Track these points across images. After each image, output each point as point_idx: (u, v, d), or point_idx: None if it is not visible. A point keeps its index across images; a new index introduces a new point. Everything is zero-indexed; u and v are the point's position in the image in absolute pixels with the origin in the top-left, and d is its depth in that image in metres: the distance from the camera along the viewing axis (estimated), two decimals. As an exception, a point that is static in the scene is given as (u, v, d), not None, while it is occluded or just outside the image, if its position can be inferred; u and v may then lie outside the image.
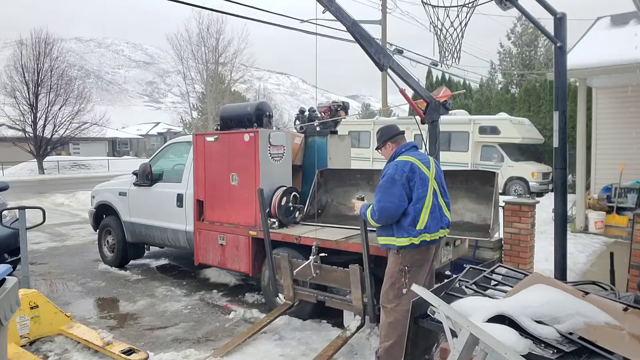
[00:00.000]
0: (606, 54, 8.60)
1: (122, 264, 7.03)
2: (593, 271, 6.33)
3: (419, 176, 3.34)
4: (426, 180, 3.38)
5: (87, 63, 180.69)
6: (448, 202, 3.61)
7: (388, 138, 3.65)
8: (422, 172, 3.37)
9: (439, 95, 5.30)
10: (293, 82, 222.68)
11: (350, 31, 4.62)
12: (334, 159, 5.84)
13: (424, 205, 3.32)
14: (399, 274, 3.36)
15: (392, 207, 3.29)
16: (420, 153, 3.57)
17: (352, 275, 3.98)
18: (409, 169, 3.33)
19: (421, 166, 3.39)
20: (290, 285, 4.53)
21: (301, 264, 4.34)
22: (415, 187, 3.31)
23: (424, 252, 3.39)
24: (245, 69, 33.77)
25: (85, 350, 4.15)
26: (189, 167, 5.94)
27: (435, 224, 3.39)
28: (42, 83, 29.31)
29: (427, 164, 3.47)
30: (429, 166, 3.47)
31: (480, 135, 15.33)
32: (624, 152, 9.85)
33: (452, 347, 2.07)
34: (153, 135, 60.59)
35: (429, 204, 3.35)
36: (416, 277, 3.35)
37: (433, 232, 3.38)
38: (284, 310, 4.57)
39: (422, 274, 3.43)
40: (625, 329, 2.09)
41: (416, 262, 3.37)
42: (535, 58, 28.78)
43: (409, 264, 3.34)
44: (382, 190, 3.35)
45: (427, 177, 3.40)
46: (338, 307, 4.35)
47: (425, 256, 3.43)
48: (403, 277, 3.33)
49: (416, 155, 3.47)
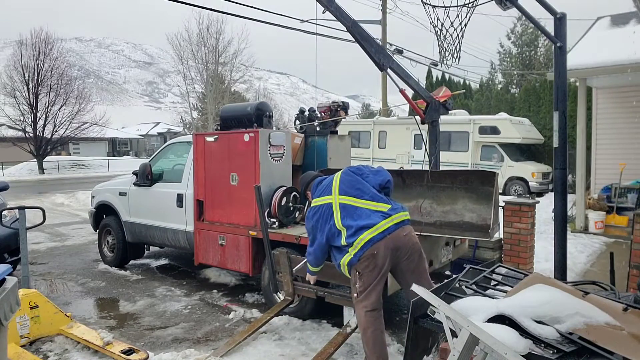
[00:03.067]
0: (606, 54, 8.60)
1: (122, 264, 7.03)
2: (593, 271, 6.33)
3: (327, 212, 3.49)
4: (329, 206, 3.50)
5: (87, 63, 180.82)
6: (373, 196, 3.49)
7: (305, 188, 4.07)
8: (324, 206, 3.52)
9: (439, 95, 5.31)
10: (293, 82, 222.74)
11: (350, 31, 4.63)
12: (334, 159, 5.84)
13: (335, 221, 3.43)
14: (353, 279, 3.44)
15: (317, 247, 3.57)
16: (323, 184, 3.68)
17: None
18: (316, 211, 3.54)
19: (324, 200, 3.54)
20: (289, 282, 4.54)
21: (301, 260, 4.36)
22: (328, 219, 3.47)
23: (370, 258, 3.32)
24: (245, 69, 33.80)
25: (85, 350, 4.15)
26: (189, 167, 5.94)
27: (369, 222, 3.34)
28: (42, 83, 29.30)
29: (328, 189, 3.58)
30: (330, 190, 3.56)
31: (480, 135, 15.33)
32: (624, 152, 9.85)
33: (452, 347, 2.07)
34: (153, 135, 60.59)
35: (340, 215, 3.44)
36: (367, 280, 3.35)
37: (377, 223, 3.34)
38: (284, 306, 4.58)
39: (374, 275, 3.35)
40: (625, 329, 2.09)
41: (367, 267, 3.33)
42: (535, 58, 28.77)
43: (360, 269, 3.36)
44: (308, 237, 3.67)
45: (329, 203, 3.51)
46: (338, 302, 4.36)
47: (377, 253, 3.31)
48: (357, 282, 3.39)
49: (319, 194, 3.63)
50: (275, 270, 4.68)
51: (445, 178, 4.77)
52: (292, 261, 4.47)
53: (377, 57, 4.71)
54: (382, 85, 21.46)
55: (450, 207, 4.68)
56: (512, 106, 18.28)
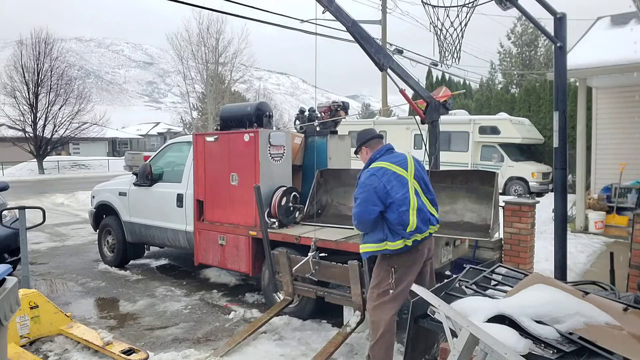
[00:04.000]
0: (606, 54, 8.60)
1: (122, 264, 7.03)
2: (593, 271, 6.33)
3: (395, 180, 3.28)
4: (404, 181, 3.32)
5: (87, 63, 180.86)
6: (432, 199, 3.52)
7: (362, 143, 3.61)
8: (398, 176, 3.31)
9: (439, 95, 5.31)
10: (293, 82, 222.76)
11: (350, 31, 4.62)
12: (334, 159, 5.84)
13: (410, 206, 3.27)
14: (385, 274, 3.33)
15: (365, 212, 3.26)
16: (395, 155, 3.49)
17: (352, 271, 3.99)
18: (381, 174, 3.28)
19: (397, 169, 3.33)
20: (289, 281, 4.54)
21: (300, 260, 4.36)
22: (393, 192, 3.25)
23: (413, 253, 3.35)
24: (245, 69, 33.76)
25: (85, 350, 4.15)
26: (189, 167, 5.94)
27: (424, 223, 3.35)
28: (42, 83, 29.32)
29: (405, 164, 3.40)
30: (407, 167, 3.40)
31: (480, 135, 15.33)
32: (624, 152, 9.84)
33: (452, 347, 2.07)
34: (153, 135, 60.60)
35: (415, 204, 3.30)
36: (404, 277, 3.30)
37: (423, 231, 3.34)
38: (284, 305, 4.58)
39: (411, 274, 3.36)
40: (625, 329, 2.09)
41: (404, 263, 3.32)
42: (535, 58, 28.79)
43: (396, 265, 3.30)
44: (356, 198, 3.34)
45: (405, 178, 3.34)
46: (337, 302, 4.37)
47: (415, 257, 3.37)
48: (390, 278, 3.29)
49: (391, 159, 3.41)
50: (275, 271, 4.68)
51: (445, 178, 4.78)
52: (291, 261, 4.47)
53: (377, 57, 4.71)
54: (382, 85, 21.45)
55: (450, 207, 4.68)
56: (512, 106, 18.27)
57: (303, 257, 4.38)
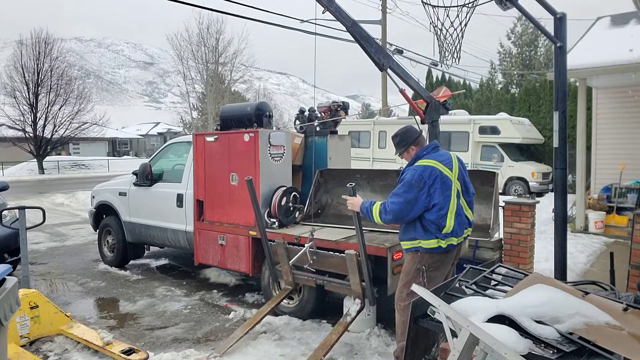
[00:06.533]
0: (606, 54, 8.60)
1: (122, 264, 7.03)
2: (593, 271, 6.33)
3: (440, 180, 3.23)
4: (449, 182, 3.27)
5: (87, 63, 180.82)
6: (470, 200, 3.49)
7: (412, 142, 3.47)
8: (444, 176, 3.26)
9: (438, 95, 5.31)
10: (293, 82, 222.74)
11: (350, 31, 4.62)
12: (334, 159, 5.84)
13: (449, 209, 3.23)
14: (415, 273, 3.30)
15: (404, 211, 3.21)
16: (441, 154, 3.42)
17: (349, 261, 4.02)
18: (428, 174, 3.21)
19: (443, 169, 3.27)
20: (288, 270, 4.57)
21: (298, 251, 4.40)
22: (436, 193, 3.20)
23: (444, 255, 3.33)
24: (245, 69, 33.78)
25: (85, 350, 4.15)
26: (189, 167, 5.94)
27: (461, 227, 3.33)
28: (42, 83, 29.29)
29: (450, 164, 3.35)
30: (452, 166, 3.35)
31: (480, 135, 15.33)
32: (624, 152, 9.84)
33: (452, 347, 2.07)
34: (153, 135, 60.56)
35: (454, 208, 3.26)
36: (433, 278, 3.27)
37: (459, 235, 3.33)
38: (285, 295, 4.62)
39: (440, 275, 3.34)
40: (625, 329, 2.09)
41: (434, 264, 3.30)
42: (535, 58, 28.77)
43: (426, 264, 3.28)
44: (397, 193, 3.26)
45: (449, 179, 3.28)
46: (337, 290, 4.43)
47: (445, 258, 3.35)
48: (420, 277, 3.26)
49: (437, 157, 3.33)
50: (274, 261, 4.70)
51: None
52: (289, 251, 4.52)
53: (377, 57, 4.71)
54: (382, 85, 21.46)
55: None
56: (512, 106, 18.28)
57: (300, 248, 4.42)
